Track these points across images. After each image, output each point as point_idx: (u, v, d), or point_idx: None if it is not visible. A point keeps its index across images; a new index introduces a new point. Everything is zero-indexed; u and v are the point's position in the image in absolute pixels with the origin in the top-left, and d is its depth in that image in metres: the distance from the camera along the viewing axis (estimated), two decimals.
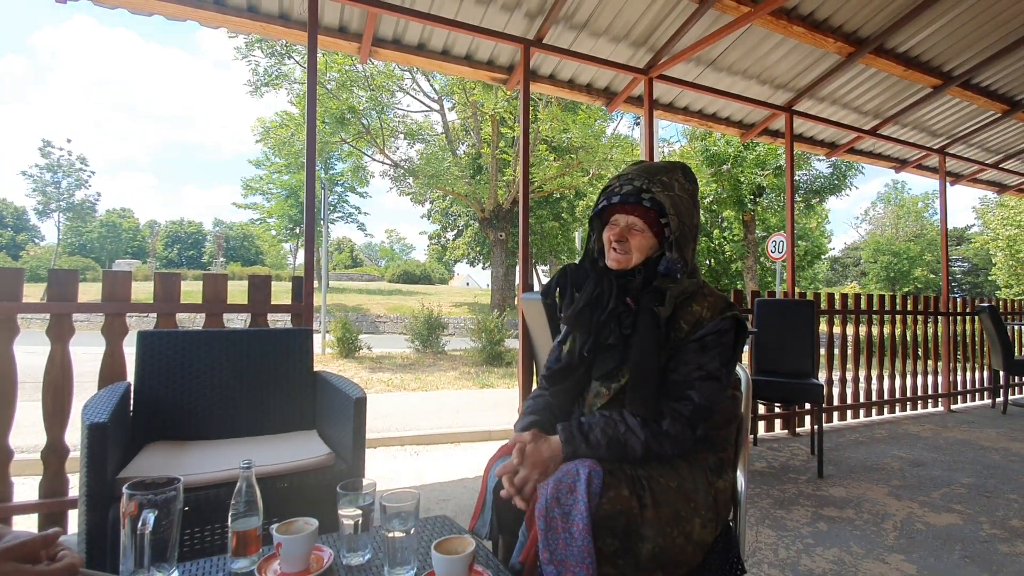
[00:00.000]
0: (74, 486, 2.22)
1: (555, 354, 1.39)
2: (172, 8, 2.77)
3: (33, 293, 17.12)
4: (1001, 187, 7.12)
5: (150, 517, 0.88)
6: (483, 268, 25.95)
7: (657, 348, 1.14)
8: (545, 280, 33.14)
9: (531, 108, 3.93)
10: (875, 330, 4.94)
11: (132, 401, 1.88)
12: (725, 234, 20.43)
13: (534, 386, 2.34)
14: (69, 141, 62.48)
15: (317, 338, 10.83)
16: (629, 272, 1.24)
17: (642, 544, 1.02)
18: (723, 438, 1.22)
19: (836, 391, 4.56)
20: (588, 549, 0.97)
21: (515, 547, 1.12)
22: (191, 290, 2.38)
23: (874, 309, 4.81)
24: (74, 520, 2.18)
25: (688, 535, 1.06)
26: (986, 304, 5.33)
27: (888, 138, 5.19)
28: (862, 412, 4.70)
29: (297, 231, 27.81)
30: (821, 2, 3.45)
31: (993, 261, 24.59)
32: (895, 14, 3.59)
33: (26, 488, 2.53)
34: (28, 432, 3.54)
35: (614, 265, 1.24)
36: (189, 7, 2.78)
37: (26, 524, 2.23)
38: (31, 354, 3.35)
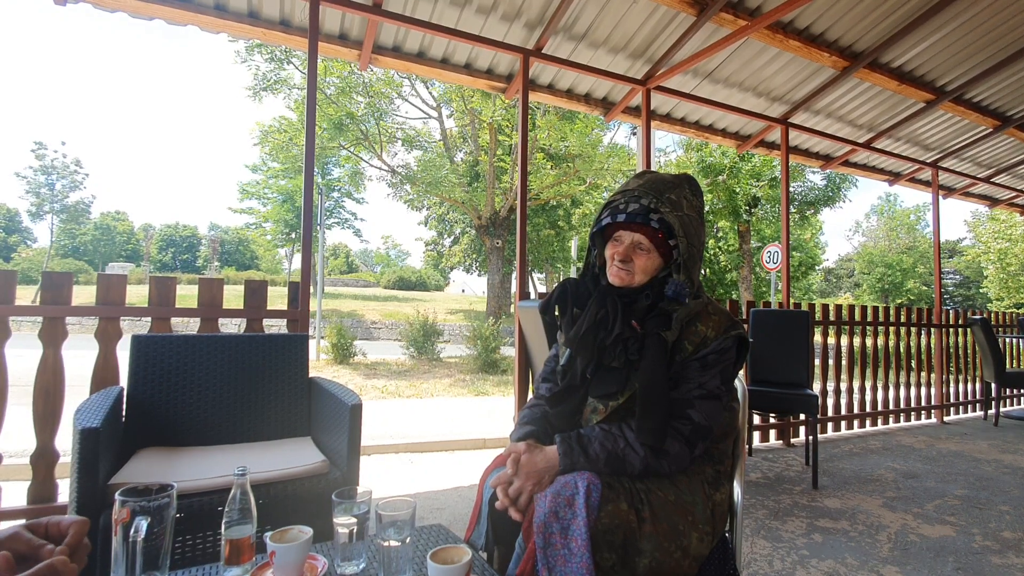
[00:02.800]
0: (63, 492, 2.20)
1: (550, 365, 1.38)
2: (172, 12, 2.77)
3: (25, 296, 16.97)
4: (992, 201, 7.20)
5: (143, 524, 0.87)
6: (479, 275, 25.93)
7: (665, 375, 1.11)
8: (541, 288, 33.11)
9: (529, 117, 3.95)
10: (869, 341, 4.97)
11: (125, 406, 1.86)
12: (720, 244, 20.54)
13: (530, 394, 2.34)
14: (64, 143, 62.40)
15: (312, 344, 10.76)
16: (634, 291, 1.21)
17: (639, 558, 1.01)
18: (721, 451, 1.22)
19: (830, 402, 4.58)
20: (587, 566, 0.96)
21: (511, 558, 1.11)
22: (186, 294, 2.36)
23: (868, 320, 4.84)
24: None
25: (685, 549, 1.05)
26: (978, 316, 5.37)
27: (882, 151, 5.25)
28: (856, 423, 4.71)
29: (293, 236, 27.73)
30: (816, 17, 3.50)
31: (985, 274, 24.81)
32: (889, 29, 3.64)
33: (14, 493, 2.50)
34: (17, 436, 3.49)
35: (616, 282, 1.21)
36: (189, 12, 2.78)
37: None
38: (21, 358, 3.32)
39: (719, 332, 1.15)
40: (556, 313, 1.33)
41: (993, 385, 5.15)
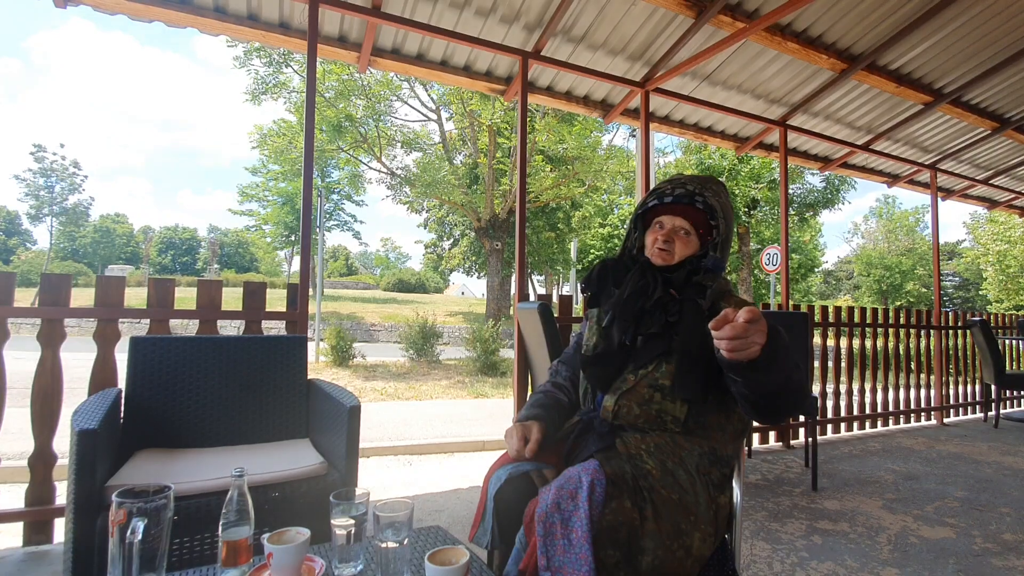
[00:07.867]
0: (61, 494, 2.19)
1: (572, 348, 1.47)
2: (172, 15, 2.77)
3: (24, 298, 16.95)
4: (991, 203, 7.21)
5: (139, 526, 0.87)
6: (478, 278, 25.90)
7: (705, 334, 1.14)
8: (541, 290, 33.17)
9: (528, 119, 3.96)
10: (868, 343, 4.96)
11: (123, 408, 1.86)
12: None
13: (529, 395, 2.34)
14: (62, 146, 62.16)
15: (311, 346, 10.76)
16: (672, 268, 1.30)
17: (642, 556, 1.01)
18: (729, 454, 1.22)
19: (830, 404, 4.57)
20: (586, 557, 0.96)
21: (511, 554, 1.12)
22: (185, 296, 2.36)
23: (867, 322, 4.84)
24: (61, 529, 2.15)
25: (688, 549, 1.05)
26: (977, 318, 5.37)
27: (880, 153, 5.25)
28: (855, 425, 4.71)
29: (292, 238, 27.75)
30: (815, 19, 3.51)
31: (984, 276, 24.85)
32: (887, 32, 3.65)
33: (12, 496, 2.49)
34: (15, 438, 3.49)
35: (658, 261, 1.30)
36: (190, 14, 2.79)
37: (11, 533, 2.19)
38: (20, 359, 3.32)
39: None
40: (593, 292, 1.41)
41: (993, 387, 5.15)
